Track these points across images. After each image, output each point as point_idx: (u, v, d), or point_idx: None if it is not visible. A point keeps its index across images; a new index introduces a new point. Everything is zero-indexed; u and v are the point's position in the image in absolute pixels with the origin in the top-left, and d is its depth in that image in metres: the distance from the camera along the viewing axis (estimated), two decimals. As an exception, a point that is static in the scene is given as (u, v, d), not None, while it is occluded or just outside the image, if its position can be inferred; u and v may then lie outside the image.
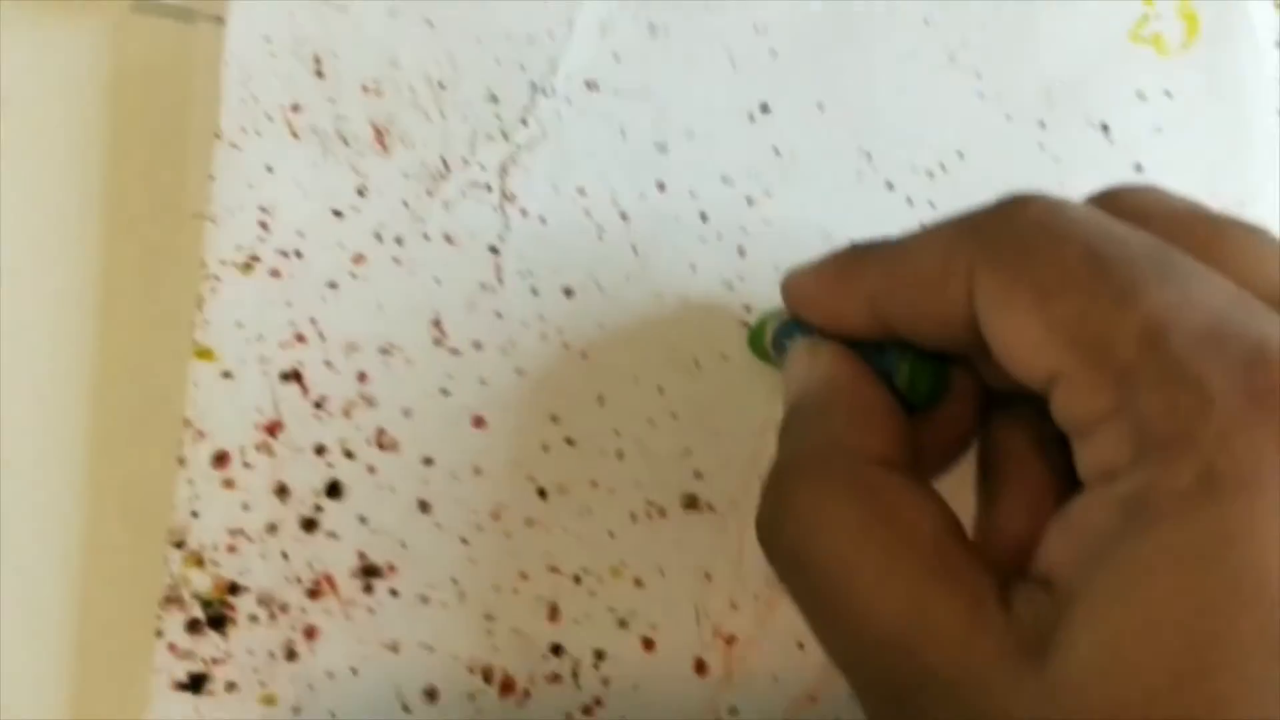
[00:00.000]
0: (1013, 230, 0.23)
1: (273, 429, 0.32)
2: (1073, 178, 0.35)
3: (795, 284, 0.29)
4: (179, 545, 0.31)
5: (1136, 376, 0.21)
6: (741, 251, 0.35)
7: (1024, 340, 0.22)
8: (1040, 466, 0.26)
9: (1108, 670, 0.19)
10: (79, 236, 0.35)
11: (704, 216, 0.35)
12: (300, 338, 0.33)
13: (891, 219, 0.35)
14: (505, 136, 0.35)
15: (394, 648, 0.32)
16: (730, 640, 0.33)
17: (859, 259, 0.27)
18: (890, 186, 0.35)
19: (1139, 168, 0.35)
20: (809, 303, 0.28)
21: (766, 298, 0.34)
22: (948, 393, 0.27)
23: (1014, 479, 0.26)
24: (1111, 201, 0.25)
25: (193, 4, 0.35)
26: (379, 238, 0.34)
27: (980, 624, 0.22)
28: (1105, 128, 0.36)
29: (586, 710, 0.32)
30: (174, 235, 0.34)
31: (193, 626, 0.31)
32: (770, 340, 0.31)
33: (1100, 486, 0.22)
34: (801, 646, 0.33)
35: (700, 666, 0.32)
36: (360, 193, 0.34)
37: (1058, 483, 0.26)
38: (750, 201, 0.35)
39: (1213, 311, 0.21)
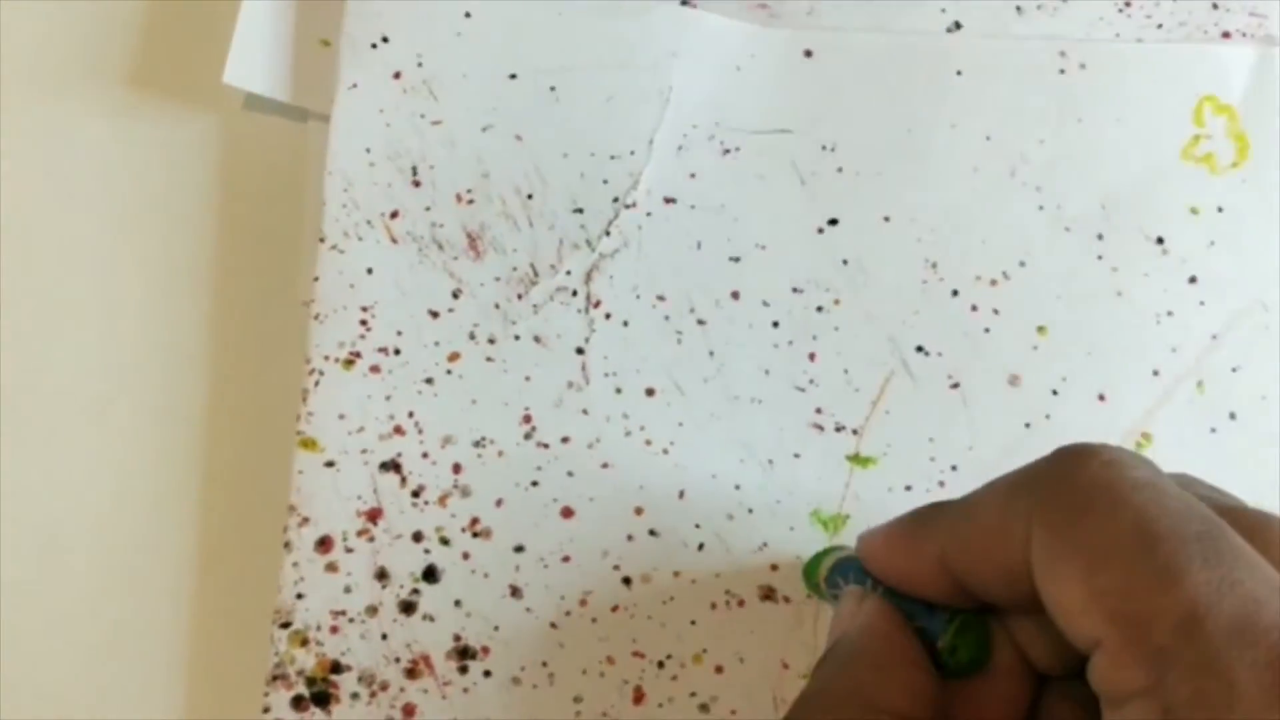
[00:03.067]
0: (1069, 488, 0.25)
1: (373, 516, 0.36)
2: (1130, 288, 0.39)
3: (871, 541, 0.31)
4: (285, 625, 0.35)
5: (1170, 660, 0.23)
6: (812, 357, 0.39)
7: (1070, 603, 0.24)
8: None
9: None
10: (190, 324, 0.38)
11: (776, 324, 0.39)
12: (399, 430, 0.37)
13: (956, 325, 0.39)
14: (589, 245, 0.39)
15: (488, 727, 0.35)
16: (806, 726, 0.36)
17: (930, 517, 0.30)
18: (955, 294, 0.39)
19: (1193, 279, 0.40)
20: (884, 561, 0.30)
21: (837, 400, 0.38)
22: (987, 665, 0.29)
23: None
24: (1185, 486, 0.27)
25: (302, 103, 0.39)
26: (473, 337, 0.37)
27: None
28: (1160, 240, 0.40)
29: (671, 791, 0.35)
30: (279, 325, 0.38)
31: (298, 703, 0.34)
32: (823, 577, 0.33)
33: None
34: (874, 734, 0.36)
35: (778, 751, 0.36)
36: (455, 295, 0.38)
37: None
38: (820, 309, 0.39)
39: (1251, 599, 0.22)
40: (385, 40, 0.39)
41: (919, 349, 0.39)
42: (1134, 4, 0.41)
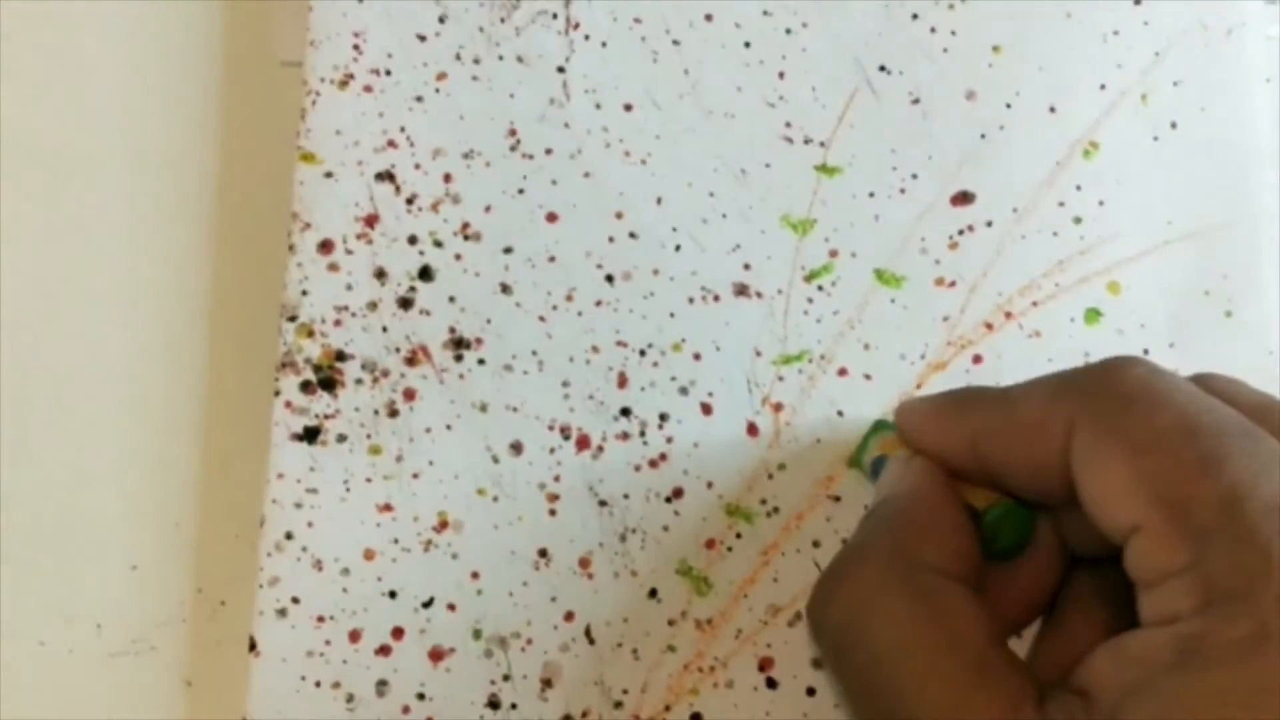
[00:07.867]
0: (1114, 389, 0.28)
1: (370, 221, 0.40)
2: (1078, 9, 0.43)
3: (908, 412, 0.34)
4: (292, 319, 0.39)
5: (1210, 537, 0.25)
6: (781, 75, 0.43)
7: (1111, 489, 0.27)
8: (1098, 606, 0.32)
9: None
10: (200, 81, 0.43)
11: (747, 44, 0.43)
12: (392, 144, 0.41)
13: (916, 47, 0.43)
14: (568, -29, 0.43)
15: (483, 408, 0.40)
16: (778, 407, 0.41)
17: (969, 399, 0.33)
18: (915, 16, 0.43)
19: (1138, 0, 0.44)
20: (919, 431, 0.33)
21: (805, 115, 0.42)
22: (1029, 546, 0.32)
23: (1072, 613, 0.32)
24: (1202, 382, 0.29)
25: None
26: (459, 58, 0.42)
27: None
28: None
29: (653, 464, 0.40)
30: (275, 79, 0.43)
31: (306, 388, 0.39)
32: (869, 462, 0.37)
33: (1159, 626, 0.26)
34: (840, 414, 0.41)
35: (751, 429, 0.40)
36: (441, 20, 0.42)
37: (1110, 621, 0.31)
38: (789, 31, 0.43)
39: None
40: None
41: (881, 68, 0.43)
42: None
